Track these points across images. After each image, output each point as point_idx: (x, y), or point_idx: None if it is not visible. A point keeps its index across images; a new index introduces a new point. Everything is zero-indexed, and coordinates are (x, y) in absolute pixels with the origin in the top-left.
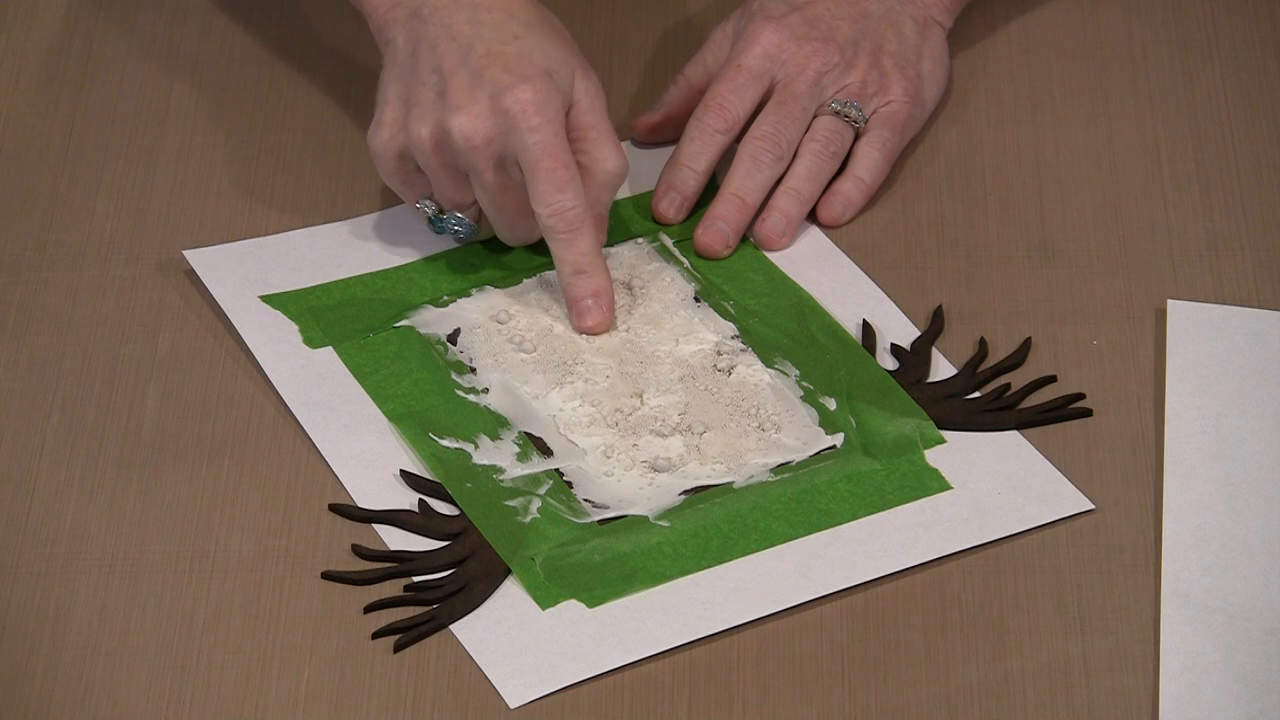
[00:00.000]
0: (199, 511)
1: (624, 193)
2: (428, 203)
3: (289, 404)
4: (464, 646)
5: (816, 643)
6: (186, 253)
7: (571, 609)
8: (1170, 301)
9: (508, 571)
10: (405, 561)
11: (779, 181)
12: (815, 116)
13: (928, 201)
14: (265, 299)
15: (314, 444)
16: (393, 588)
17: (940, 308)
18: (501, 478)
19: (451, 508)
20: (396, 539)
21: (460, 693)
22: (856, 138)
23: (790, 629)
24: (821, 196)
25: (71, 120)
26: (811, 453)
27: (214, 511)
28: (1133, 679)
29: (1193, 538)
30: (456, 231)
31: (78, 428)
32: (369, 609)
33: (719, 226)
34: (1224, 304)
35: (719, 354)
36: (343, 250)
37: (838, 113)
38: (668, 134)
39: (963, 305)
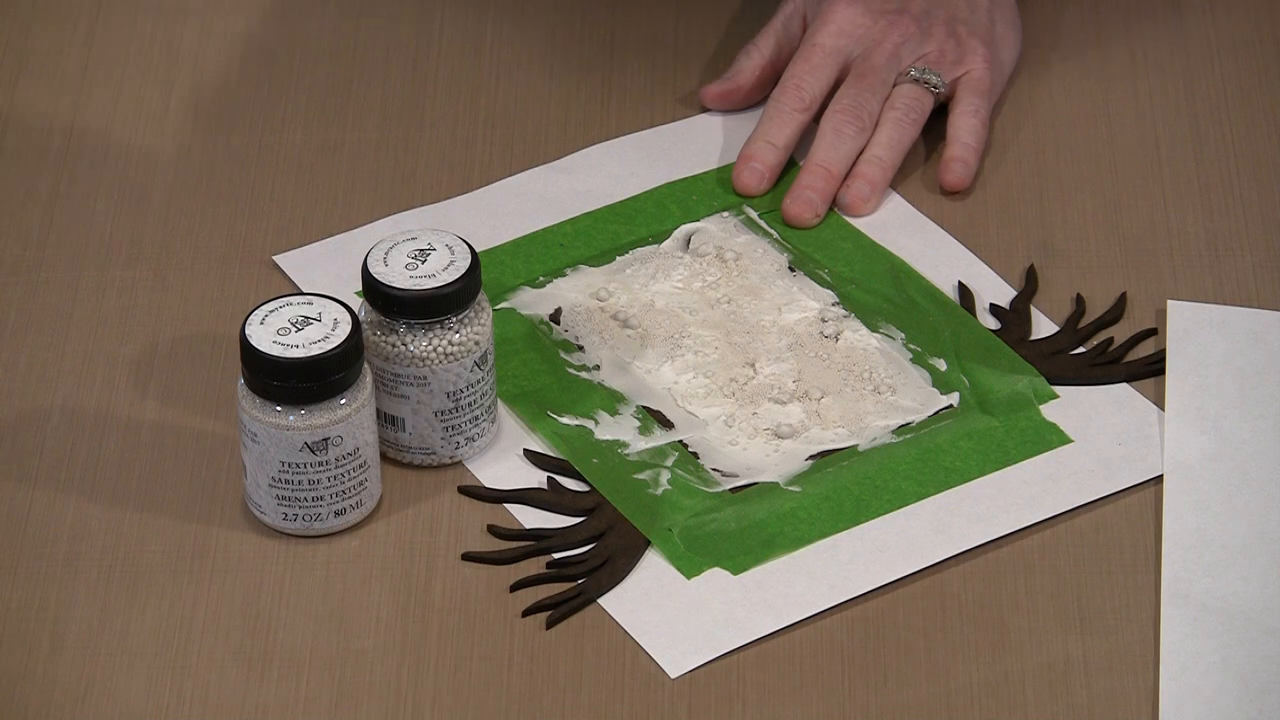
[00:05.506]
0: (199, 511)
1: (704, 166)
2: None
3: None
4: (615, 619)
5: (816, 643)
6: (277, 257)
7: (716, 577)
8: (1170, 302)
9: (647, 543)
10: (543, 539)
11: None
12: (894, 85)
13: (928, 202)
14: (361, 294)
15: None
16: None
17: (1033, 267)
18: (626, 452)
19: (580, 484)
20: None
21: (459, 693)
22: (944, 108)
23: (790, 629)
24: (940, 163)
25: (71, 120)
26: (930, 413)
27: (214, 511)
28: (1133, 679)
29: (1193, 538)
30: None
31: (78, 428)
32: (515, 587)
33: (807, 195)
34: (1224, 304)
35: (823, 320)
36: None
37: (917, 80)
38: (736, 101)
39: None
